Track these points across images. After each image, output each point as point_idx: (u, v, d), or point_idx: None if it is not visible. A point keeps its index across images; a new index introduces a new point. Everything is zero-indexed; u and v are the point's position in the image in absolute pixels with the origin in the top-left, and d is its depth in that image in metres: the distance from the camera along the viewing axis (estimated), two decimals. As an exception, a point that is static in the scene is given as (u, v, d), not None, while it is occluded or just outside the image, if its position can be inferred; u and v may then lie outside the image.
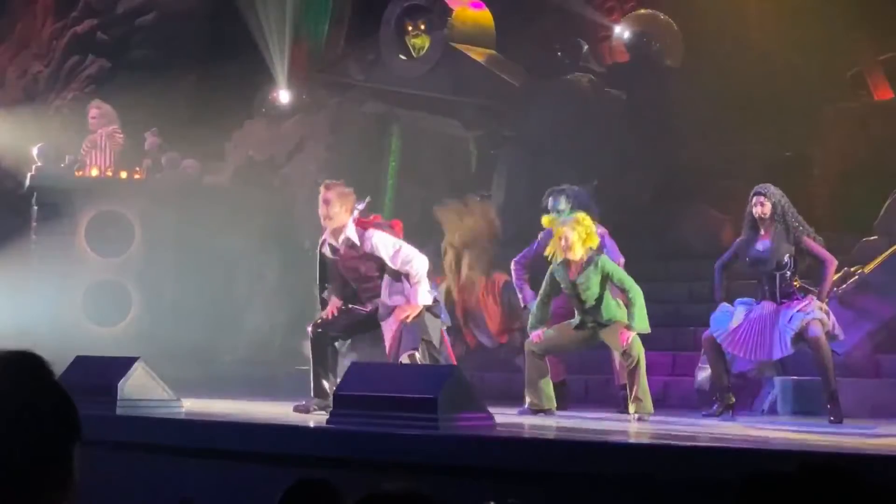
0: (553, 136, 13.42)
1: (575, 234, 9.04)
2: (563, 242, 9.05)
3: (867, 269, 10.23)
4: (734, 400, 9.12)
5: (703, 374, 10.25)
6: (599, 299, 9.06)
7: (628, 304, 9.03)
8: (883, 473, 5.14)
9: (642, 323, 8.92)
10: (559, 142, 13.27)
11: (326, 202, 8.65)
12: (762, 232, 8.98)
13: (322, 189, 8.75)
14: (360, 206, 8.85)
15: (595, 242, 9.12)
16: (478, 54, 14.65)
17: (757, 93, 13.14)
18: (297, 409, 8.64)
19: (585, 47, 15.09)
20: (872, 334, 9.93)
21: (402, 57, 15.12)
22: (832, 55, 13.39)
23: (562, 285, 9.16)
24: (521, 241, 11.33)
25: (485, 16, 15.00)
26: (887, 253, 10.35)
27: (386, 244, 8.63)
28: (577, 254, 9.00)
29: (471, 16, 14.93)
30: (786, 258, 8.87)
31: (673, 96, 13.57)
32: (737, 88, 13.13)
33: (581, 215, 9.26)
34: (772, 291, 8.90)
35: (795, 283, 8.89)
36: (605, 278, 9.01)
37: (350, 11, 16.91)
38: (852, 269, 10.23)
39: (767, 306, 8.89)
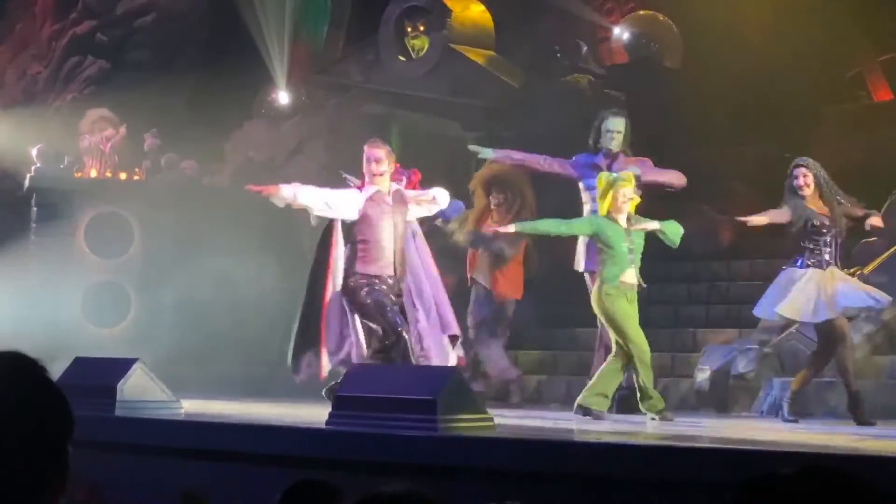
0: (552, 137, 13.42)
1: (630, 192, 8.99)
2: (621, 199, 8.96)
3: (866, 270, 10.22)
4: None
5: (703, 374, 10.26)
6: (642, 268, 9.02)
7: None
8: (882, 474, 5.14)
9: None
10: (558, 143, 13.26)
11: (378, 160, 8.52)
12: (808, 202, 8.93)
13: (372, 148, 8.63)
14: (406, 177, 8.87)
15: (635, 204, 9.09)
16: (477, 55, 14.66)
17: (756, 94, 13.14)
18: None
19: (585, 48, 15.10)
20: (871, 336, 9.93)
21: (402, 58, 15.13)
22: (832, 56, 13.40)
23: (621, 248, 9.01)
24: (521, 240, 11.32)
25: (484, 17, 15.01)
26: (886, 254, 10.36)
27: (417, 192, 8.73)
28: (629, 213, 9.00)
29: (470, 17, 14.95)
30: (844, 224, 8.85)
31: (672, 97, 13.57)
32: (736, 89, 13.13)
33: (629, 174, 9.20)
34: (826, 258, 8.79)
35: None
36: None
37: (349, 12, 16.92)
38: (851, 271, 10.23)
39: (817, 273, 8.78)
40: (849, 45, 13.49)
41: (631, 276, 8.91)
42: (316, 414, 8.04)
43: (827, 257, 8.78)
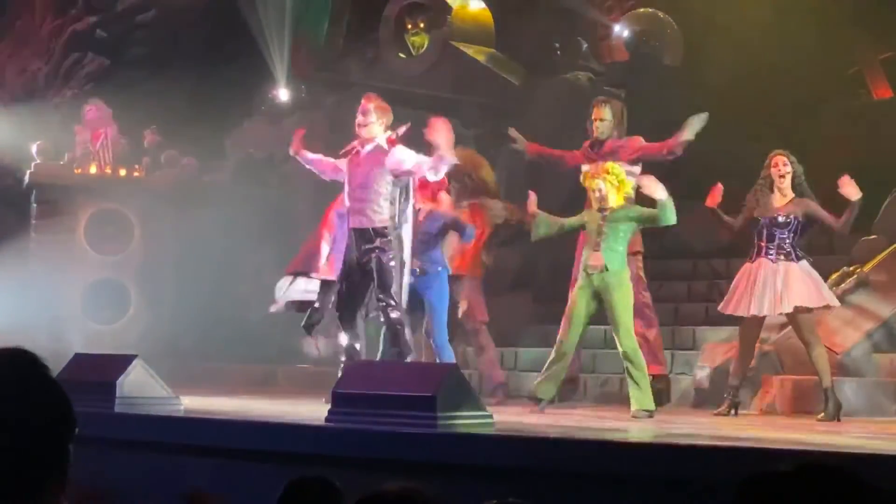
0: (552, 135, 13.42)
1: (607, 185, 9.01)
2: (598, 195, 9.03)
3: (866, 268, 10.24)
4: (740, 400, 9.20)
5: (703, 372, 10.27)
6: (617, 252, 8.97)
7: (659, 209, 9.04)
8: (881, 473, 5.14)
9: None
10: (558, 140, 13.26)
11: (364, 111, 8.65)
12: (777, 192, 9.03)
13: (364, 99, 8.77)
14: (401, 131, 8.82)
15: (629, 188, 9.10)
16: (477, 52, 14.67)
17: (756, 91, 13.14)
18: None
19: (585, 46, 15.10)
20: (870, 333, 9.94)
21: (402, 55, 15.13)
22: (832, 54, 13.40)
23: (589, 228, 9.09)
24: (521, 238, 11.33)
25: (484, 14, 15.01)
26: (886, 252, 10.37)
27: (409, 154, 8.60)
28: (615, 202, 9.00)
29: (470, 14, 14.95)
30: (792, 219, 8.92)
31: (672, 95, 13.56)
32: (736, 87, 13.13)
33: (609, 164, 9.24)
34: (768, 250, 8.94)
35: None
36: (637, 219, 9.00)
37: (350, 9, 16.91)
38: (851, 269, 10.24)
39: (766, 264, 8.92)
40: (849, 43, 13.49)
41: (596, 258, 8.95)
42: (315, 410, 8.05)
43: (765, 251, 8.94)
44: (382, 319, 8.59)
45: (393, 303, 8.44)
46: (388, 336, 8.60)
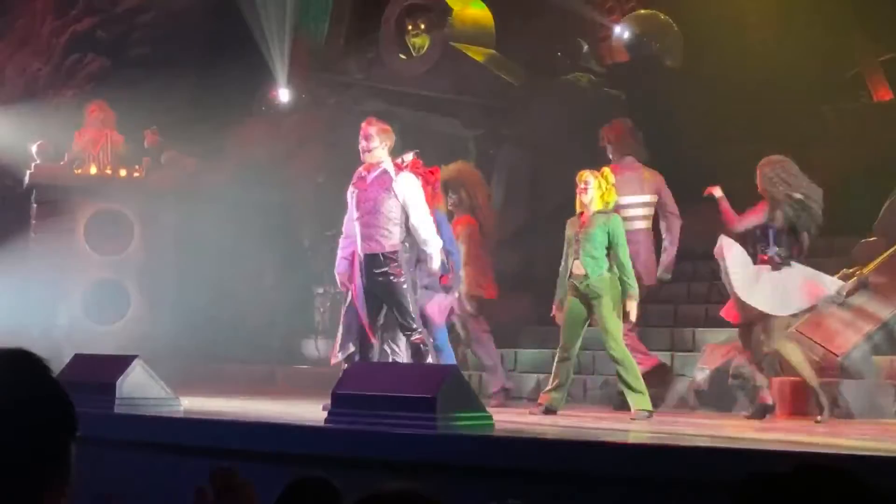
0: (552, 136, 13.43)
1: (595, 183, 9.01)
2: (582, 186, 9.02)
3: (866, 270, 10.23)
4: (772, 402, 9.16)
5: (702, 374, 10.26)
6: (595, 258, 8.96)
7: (618, 269, 9.02)
8: (881, 473, 5.14)
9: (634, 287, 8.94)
10: (558, 141, 13.28)
11: (367, 136, 8.61)
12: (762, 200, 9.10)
13: (364, 124, 8.74)
14: (407, 157, 8.81)
15: (612, 199, 9.09)
16: (477, 53, 14.67)
17: (756, 93, 13.13)
18: None
19: (585, 47, 15.11)
20: (870, 335, 9.93)
21: (402, 56, 15.14)
22: (832, 56, 13.39)
23: (568, 237, 9.10)
24: (521, 239, 11.35)
25: (485, 15, 15.01)
26: (886, 254, 10.36)
27: (415, 191, 8.58)
28: (594, 205, 8.98)
29: (471, 15, 14.95)
30: (769, 227, 8.97)
31: (672, 97, 13.57)
32: (736, 89, 13.13)
33: (606, 170, 9.26)
34: (753, 254, 9.01)
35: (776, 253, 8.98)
36: (609, 237, 8.96)
37: (350, 10, 16.92)
38: (851, 271, 10.23)
39: (768, 267, 8.97)
40: (849, 45, 13.49)
41: (577, 267, 8.98)
42: (315, 411, 8.05)
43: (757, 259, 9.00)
44: (405, 346, 8.59)
45: (414, 325, 8.45)
46: (414, 359, 8.54)
